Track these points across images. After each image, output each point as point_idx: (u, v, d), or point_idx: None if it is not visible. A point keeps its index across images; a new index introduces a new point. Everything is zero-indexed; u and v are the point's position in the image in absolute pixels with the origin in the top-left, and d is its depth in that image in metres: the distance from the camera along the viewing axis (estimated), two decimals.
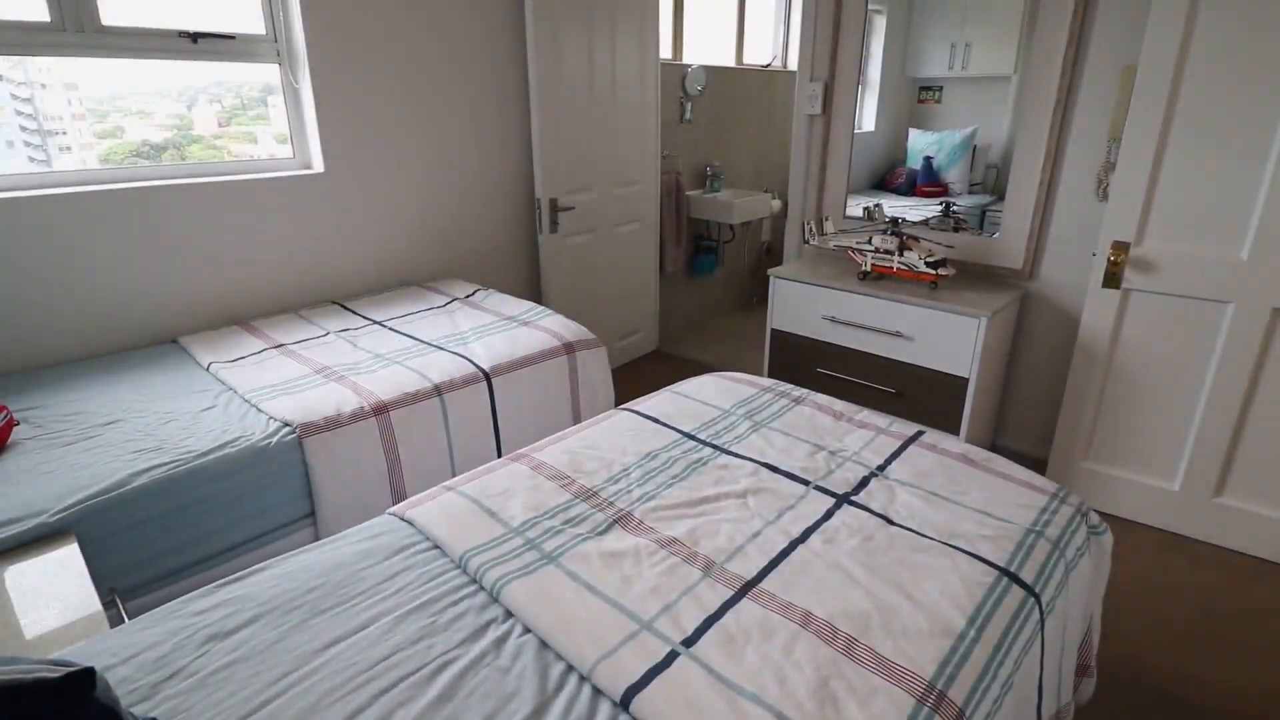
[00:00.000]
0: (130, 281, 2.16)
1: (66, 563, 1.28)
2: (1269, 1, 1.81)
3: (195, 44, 2.26)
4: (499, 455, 2.05)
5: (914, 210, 2.86)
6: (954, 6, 2.69)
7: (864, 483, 1.43)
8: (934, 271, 2.42)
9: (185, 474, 1.50)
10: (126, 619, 1.30)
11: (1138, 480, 2.30)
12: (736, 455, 1.52)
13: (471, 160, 2.95)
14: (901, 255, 2.50)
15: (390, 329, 2.28)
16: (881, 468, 1.48)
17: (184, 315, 2.29)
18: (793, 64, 4.41)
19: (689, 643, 1.02)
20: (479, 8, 2.81)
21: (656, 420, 1.66)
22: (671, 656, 0.99)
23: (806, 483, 1.42)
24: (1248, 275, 1.99)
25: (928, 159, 2.91)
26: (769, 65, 4.47)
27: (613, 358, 3.53)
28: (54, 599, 1.20)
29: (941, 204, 2.82)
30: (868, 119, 2.95)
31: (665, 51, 3.71)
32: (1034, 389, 2.62)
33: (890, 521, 1.30)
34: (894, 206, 2.90)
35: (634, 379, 3.45)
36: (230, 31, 2.33)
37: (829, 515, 1.32)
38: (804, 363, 2.74)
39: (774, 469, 1.46)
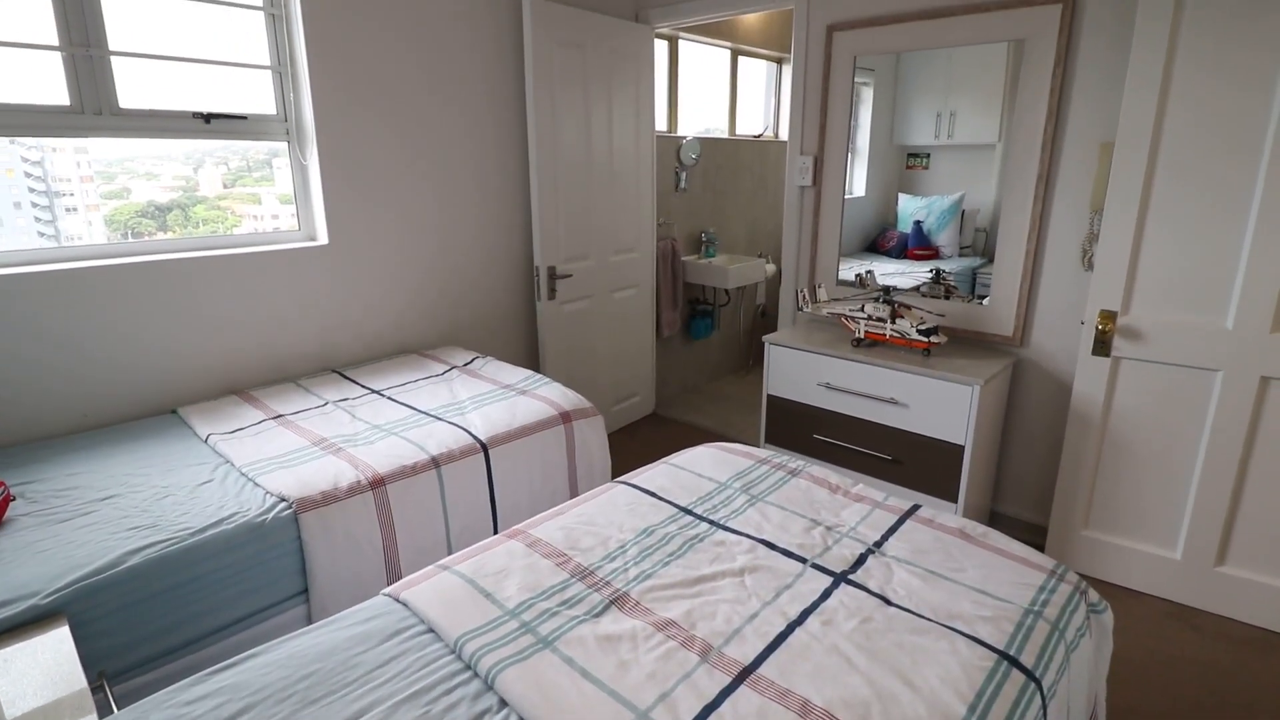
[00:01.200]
0: (131, 353, 2.19)
1: (56, 646, 1.26)
2: (1237, 84, 1.90)
3: (208, 124, 2.35)
4: (495, 528, 2.04)
5: (905, 274, 2.92)
6: (938, 78, 2.80)
7: (861, 560, 1.42)
8: (926, 339, 2.46)
9: (179, 552, 1.49)
10: (115, 705, 1.28)
11: (1139, 549, 2.28)
12: (733, 531, 1.51)
13: (472, 229, 3.02)
14: (894, 323, 2.54)
15: (389, 398, 2.29)
16: (879, 544, 1.48)
17: (184, 385, 2.31)
18: (784, 134, 4.58)
19: None
20: (481, 83, 2.93)
21: (653, 494, 1.66)
22: None
23: (804, 560, 1.41)
24: (1234, 344, 2.02)
25: (917, 223, 2.99)
26: (760, 135, 4.63)
27: (610, 421, 3.54)
28: (41, 684, 1.18)
29: (931, 271, 2.88)
30: (858, 185, 3.04)
31: (661, 124, 3.85)
32: (1030, 455, 2.63)
33: (888, 602, 1.29)
34: (885, 270, 2.96)
35: (631, 443, 3.45)
36: (242, 112, 2.42)
37: (826, 595, 1.31)
38: (801, 429, 2.75)
39: (771, 546, 1.46)
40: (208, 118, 2.34)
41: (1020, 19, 2.36)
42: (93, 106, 2.12)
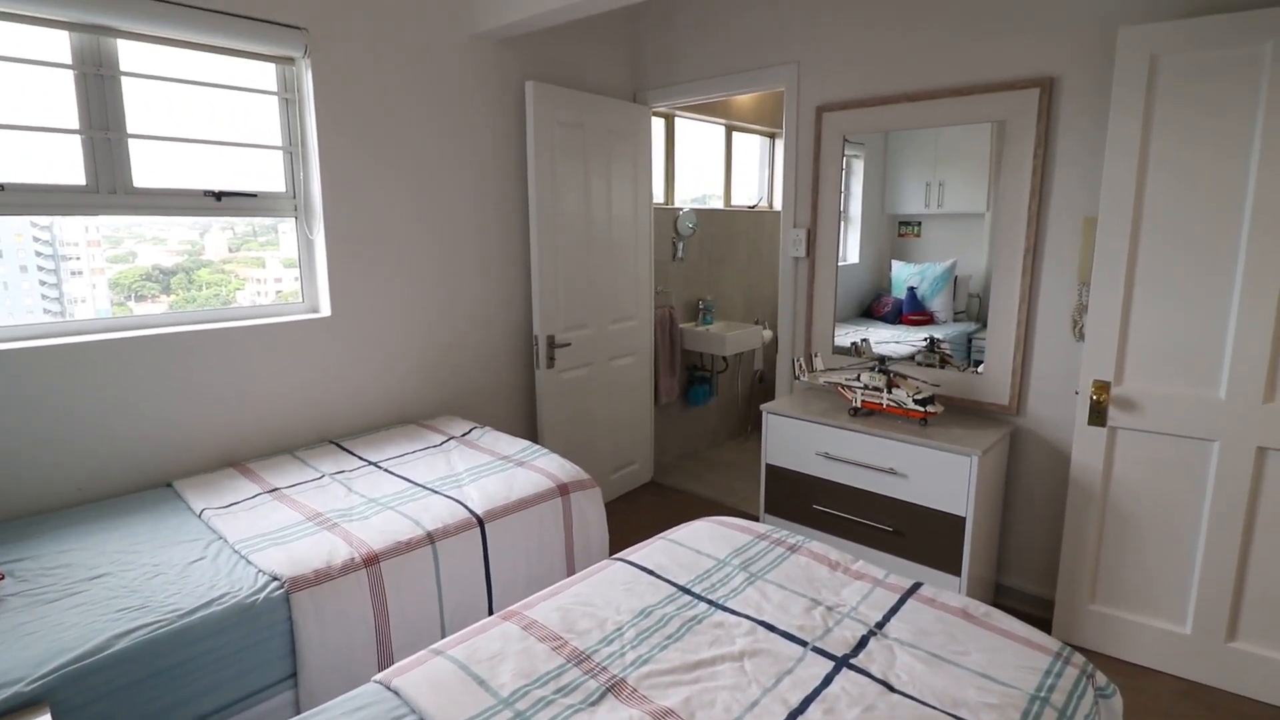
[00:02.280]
0: (129, 425, 2.19)
1: None
2: (1214, 152, 1.97)
3: (219, 201, 2.42)
4: (490, 605, 2.00)
5: (900, 340, 2.95)
6: (926, 150, 2.87)
7: (863, 643, 1.40)
8: (923, 409, 2.47)
9: (168, 635, 1.46)
10: None
11: (1148, 624, 2.23)
12: (732, 612, 1.49)
13: (472, 299, 3.07)
14: (890, 392, 2.56)
15: (386, 470, 2.29)
16: (880, 624, 1.45)
17: (180, 457, 2.30)
18: (778, 203, 4.70)
19: None
20: (484, 158, 3.04)
21: (651, 572, 1.64)
22: None
23: (804, 644, 1.39)
24: (1228, 414, 2.04)
25: (911, 289, 3.04)
26: (755, 206, 4.76)
27: (608, 490, 3.52)
28: None
29: (926, 339, 2.92)
30: (852, 252, 3.10)
31: (658, 195, 3.97)
32: (1033, 525, 2.60)
33: (891, 688, 1.26)
34: (881, 336, 3.00)
35: (629, 513, 3.42)
36: (252, 190, 2.50)
37: (828, 681, 1.28)
38: (801, 499, 2.73)
39: (771, 628, 1.43)
40: (219, 195, 2.41)
41: (1000, 102, 2.47)
42: (108, 186, 2.19)
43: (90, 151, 2.14)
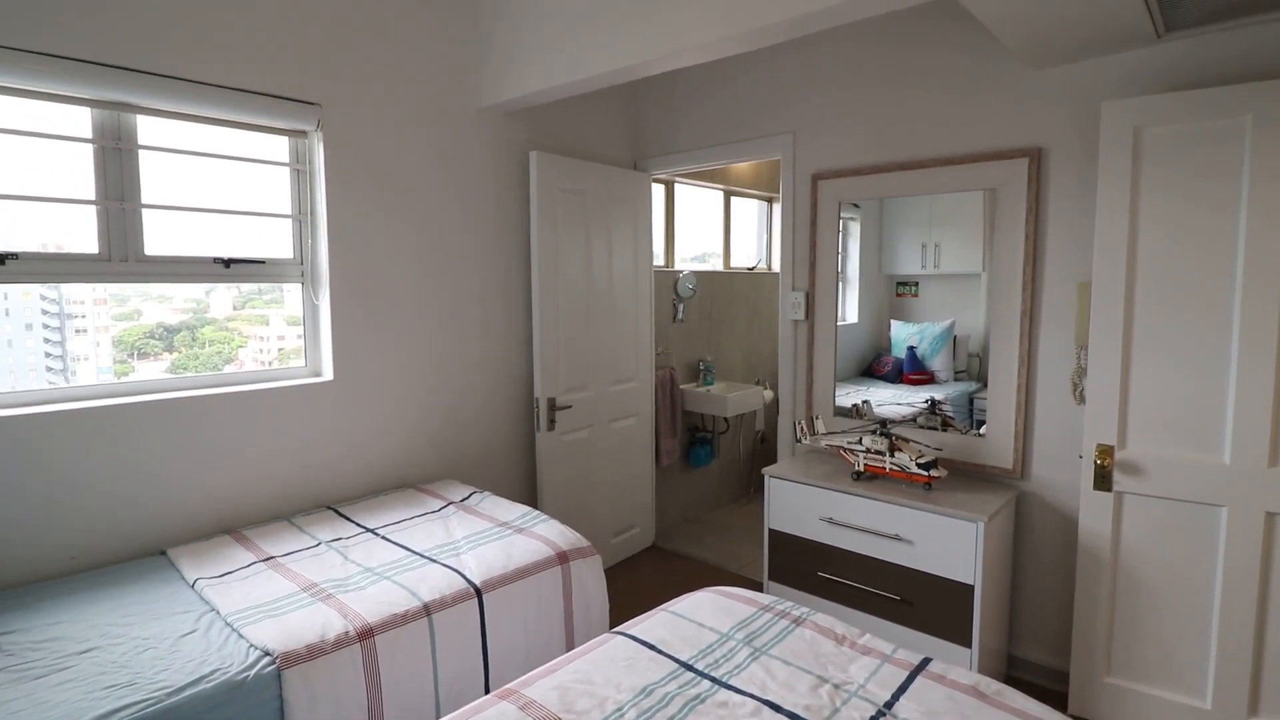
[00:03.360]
0: (125, 492, 2.17)
1: None
2: (1204, 211, 2.00)
3: (228, 268, 2.47)
4: (486, 678, 1.94)
5: (901, 401, 2.95)
6: (921, 212, 2.92)
7: None
8: (927, 474, 2.45)
9: (156, 715, 1.41)
10: None
11: (1167, 698, 2.16)
12: (736, 690, 1.44)
13: (473, 362, 3.09)
14: (893, 456, 2.54)
15: (383, 538, 2.26)
16: (889, 704, 1.41)
17: (176, 524, 2.27)
18: (776, 265, 4.78)
19: None
20: (487, 225, 3.10)
21: (652, 647, 1.60)
22: None
23: None
24: (1234, 479, 2.01)
25: (911, 349, 3.05)
26: (754, 268, 4.83)
27: (608, 556, 3.46)
28: None
29: (927, 400, 2.92)
30: (850, 312, 3.13)
31: (658, 258, 4.04)
32: (1043, 593, 2.54)
33: None
34: (882, 396, 2.99)
35: (631, 580, 3.36)
36: (261, 256, 2.55)
37: None
38: (805, 566, 2.68)
39: (776, 708, 1.39)
40: (228, 262, 2.46)
41: (991, 171, 2.54)
42: (120, 254, 2.23)
43: (105, 221, 2.19)
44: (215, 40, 2.29)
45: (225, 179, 2.48)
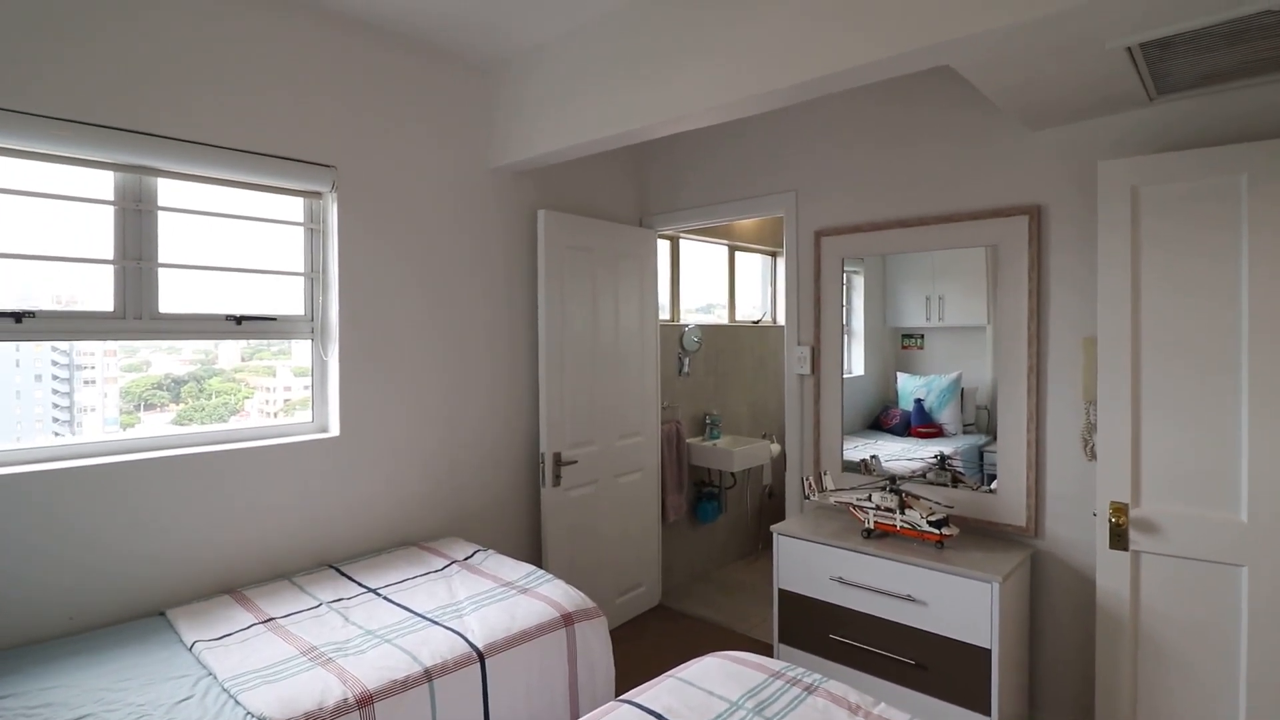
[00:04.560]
0: (124, 551, 2.14)
1: None
2: (1208, 269, 2.00)
3: (239, 325, 2.50)
4: None
5: (910, 455, 2.91)
6: (924, 266, 2.93)
7: None
8: (938, 531, 2.41)
9: None
10: None
11: None
12: None
13: (479, 419, 3.09)
14: (903, 513, 2.50)
15: (385, 598, 2.21)
16: None
17: (176, 584, 2.24)
18: (781, 318, 4.81)
19: None
20: (495, 282, 3.15)
21: (660, 716, 1.55)
22: None
23: None
24: (1253, 537, 1.97)
25: (918, 401, 3.03)
26: (759, 321, 4.86)
27: (613, 616, 3.38)
28: None
29: (936, 455, 2.88)
30: (856, 364, 3.12)
31: (664, 313, 4.07)
32: (1063, 655, 2.46)
33: None
34: (890, 449, 2.96)
35: (637, 642, 3.27)
36: (272, 314, 2.58)
37: None
38: (817, 628, 2.61)
39: None
40: (239, 320, 2.49)
41: (991, 228, 2.57)
42: (134, 312, 2.26)
43: (121, 279, 2.24)
44: (236, 105, 2.37)
45: (239, 237, 2.53)
